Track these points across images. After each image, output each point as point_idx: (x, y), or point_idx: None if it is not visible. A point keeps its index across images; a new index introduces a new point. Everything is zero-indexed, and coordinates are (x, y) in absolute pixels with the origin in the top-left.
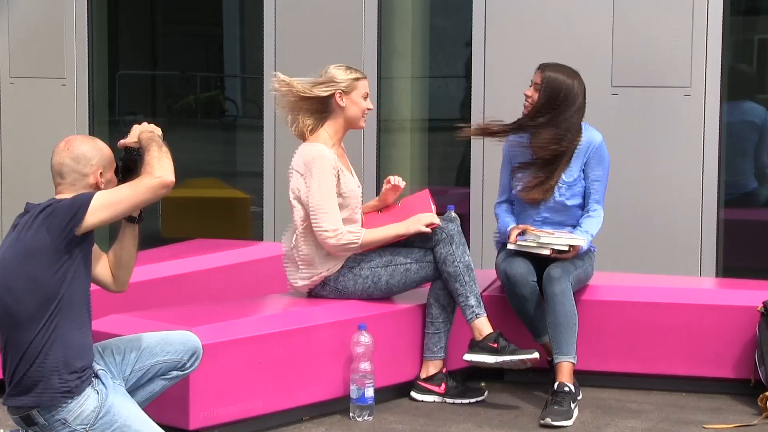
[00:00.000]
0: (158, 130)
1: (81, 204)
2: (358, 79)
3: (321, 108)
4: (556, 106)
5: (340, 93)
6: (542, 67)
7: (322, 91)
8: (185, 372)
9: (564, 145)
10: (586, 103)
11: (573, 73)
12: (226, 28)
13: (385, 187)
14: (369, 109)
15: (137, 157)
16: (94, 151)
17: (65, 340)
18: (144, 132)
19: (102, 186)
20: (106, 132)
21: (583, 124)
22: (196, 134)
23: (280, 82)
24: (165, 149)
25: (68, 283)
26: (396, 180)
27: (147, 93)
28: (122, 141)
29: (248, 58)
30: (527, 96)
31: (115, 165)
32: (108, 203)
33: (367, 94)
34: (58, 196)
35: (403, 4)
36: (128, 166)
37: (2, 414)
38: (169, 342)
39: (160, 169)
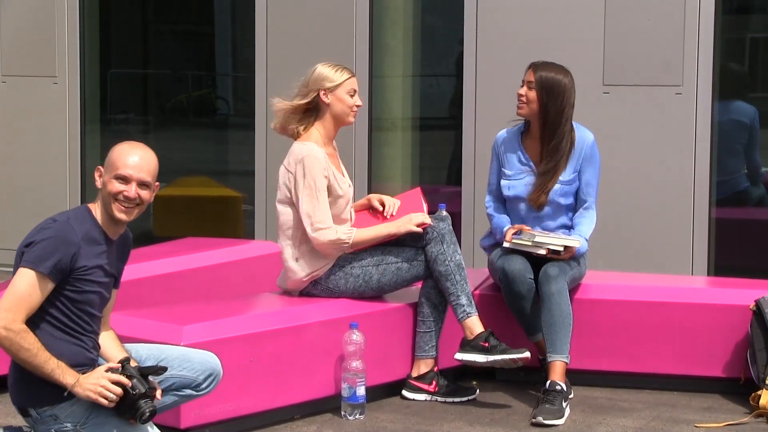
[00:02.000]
0: (91, 385)
1: (26, 258)
2: (343, 76)
3: (309, 109)
4: (554, 104)
5: (324, 91)
6: (534, 66)
7: (307, 97)
8: (200, 393)
9: (556, 142)
10: (578, 101)
11: (565, 70)
12: (218, 26)
13: (373, 203)
14: (357, 105)
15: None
16: (109, 153)
17: (53, 348)
18: (88, 379)
19: (98, 184)
20: (97, 131)
21: (575, 124)
22: (187, 133)
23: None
24: (36, 361)
25: (50, 300)
26: (387, 208)
27: (139, 91)
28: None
29: (240, 56)
30: (521, 95)
31: (116, 174)
32: (13, 280)
33: (355, 90)
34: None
35: (394, 3)
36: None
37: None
38: (188, 359)
39: (8, 330)
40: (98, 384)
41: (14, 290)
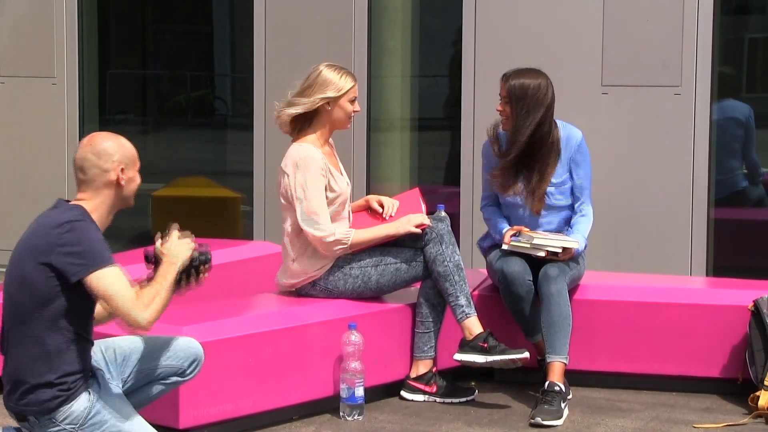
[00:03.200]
0: (184, 251)
1: (90, 264)
2: (347, 83)
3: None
4: (528, 107)
5: (327, 101)
6: (505, 78)
7: (313, 104)
8: (185, 379)
9: (538, 147)
10: (577, 101)
11: (536, 72)
12: (216, 26)
13: (372, 204)
14: (355, 111)
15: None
16: (117, 147)
17: (67, 356)
18: (174, 251)
19: (123, 183)
20: (96, 131)
21: (562, 123)
22: (186, 133)
23: (278, 111)
24: (170, 288)
25: (66, 309)
26: (386, 209)
27: (137, 92)
28: (158, 246)
29: (238, 56)
30: (500, 111)
31: (138, 167)
32: (103, 285)
33: (356, 97)
34: (80, 200)
35: (393, 3)
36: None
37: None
38: (172, 347)
39: (151, 309)
40: (187, 247)
41: (115, 290)
